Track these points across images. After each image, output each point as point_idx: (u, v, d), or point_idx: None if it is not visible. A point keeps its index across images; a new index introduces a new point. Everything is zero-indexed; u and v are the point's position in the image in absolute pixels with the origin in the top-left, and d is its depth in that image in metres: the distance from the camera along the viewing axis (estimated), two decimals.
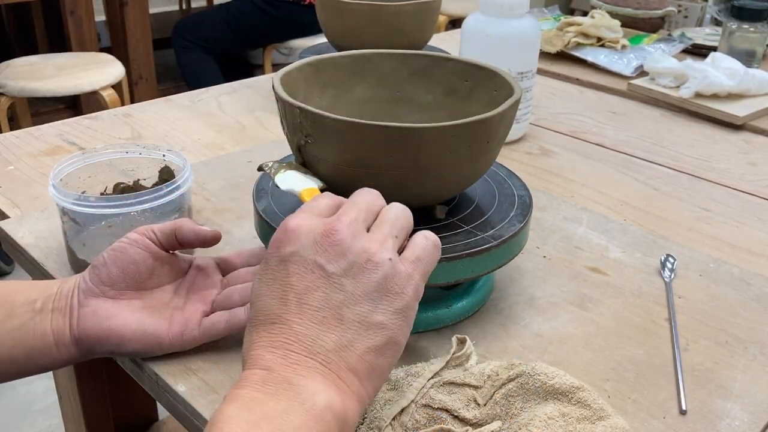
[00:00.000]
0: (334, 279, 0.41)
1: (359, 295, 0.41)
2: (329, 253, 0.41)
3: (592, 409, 0.46)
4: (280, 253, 0.42)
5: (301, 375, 0.39)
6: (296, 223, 0.42)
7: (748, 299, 0.63)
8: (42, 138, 0.92)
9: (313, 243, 0.41)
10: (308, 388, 0.38)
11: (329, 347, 0.40)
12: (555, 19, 1.38)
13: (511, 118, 0.55)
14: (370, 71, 0.63)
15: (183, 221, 0.54)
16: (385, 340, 0.41)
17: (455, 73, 0.62)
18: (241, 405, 0.37)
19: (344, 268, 0.41)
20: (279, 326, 0.40)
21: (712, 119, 1.04)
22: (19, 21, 3.04)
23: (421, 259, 0.44)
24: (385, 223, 0.44)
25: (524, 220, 0.57)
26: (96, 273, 0.51)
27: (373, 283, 0.41)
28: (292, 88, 0.58)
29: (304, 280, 0.41)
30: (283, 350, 0.39)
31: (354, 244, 0.41)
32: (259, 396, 0.38)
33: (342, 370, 0.40)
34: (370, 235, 0.43)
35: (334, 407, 0.38)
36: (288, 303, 0.41)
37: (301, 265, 0.41)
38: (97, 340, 0.50)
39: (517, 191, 0.61)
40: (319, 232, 0.42)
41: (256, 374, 0.39)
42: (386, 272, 0.41)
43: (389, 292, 0.41)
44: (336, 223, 0.42)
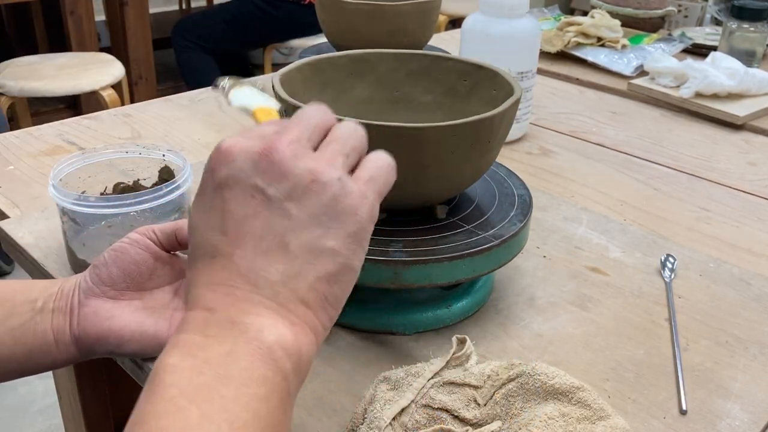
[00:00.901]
0: (276, 203, 0.37)
1: (306, 219, 0.37)
2: (269, 175, 0.37)
3: (592, 409, 0.46)
4: (215, 177, 0.38)
5: (246, 312, 0.36)
6: (231, 142, 0.38)
7: (748, 299, 0.63)
8: (42, 138, 0.92)
9: (251, 164, 0.37)
10: (254, 325, 0.35)
11: (275, 279, 0.37)
12: (555, 19, 1.38)
13: (512, 117, 0.55)
14: (369, 71, 0.63)
15: (184, 222, 0.53)
16: (337, 267, 0.38)
17: (454, 72, 0.62)
18: (183, 352, 0.35)
19: (287, 190, 0.37)
20: (219, 260, 0.37)
21: (712, 119, 1.04)
22: (19, 21, 3.04)
23: (374, 178, 0.40)
24: (334, 141, 0.40)
25: (524, 219, 0.57)
26: (96, 273, 0.51)
27: (321, 205, 0.37)
28: (292, 88, 0.58)
29: (243, 206, 0.37)
30: (225, 287, 0.36)
31: (297, 163, 0.37)
32: (201, 340, 0.35)
33: (291, 302, 0.37)
34: (316, 154, 0.39)
35: (285, 342, 0.36)
36: (227, 233, 0.37)
37: (238, 189, 0.37)
38: (97, 340, 0.50)
39: (517, 191, 0.61)
40: (256, 151, 0.37)
41: (198, 316, 0.36)
42: (335, 192, 0.37)
43: (340, 214, 0.37)
44: (275, 142, 0.37)
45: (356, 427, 0.47)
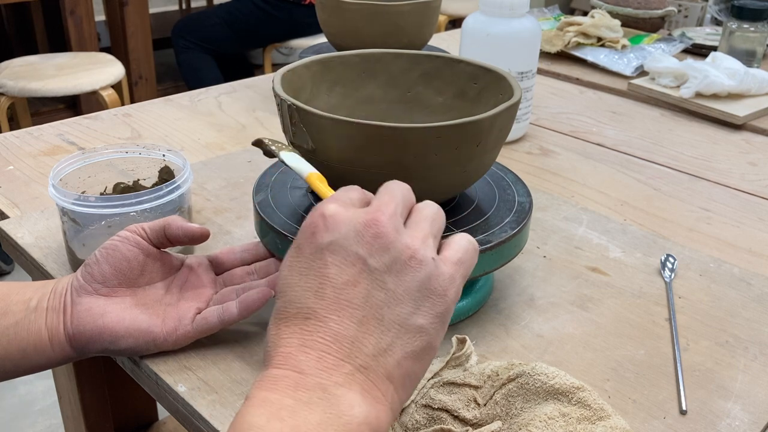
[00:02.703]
0: (376, 275, 0.37)
1: (401, 294, 0.37)
2: (372, 246, 0.37)
3: (592, 409, 0.46)
4: (317, 241, 0.38)
5: (337, 383, 0.35)
6: (334, 209, 0.39)
7: (749, 299, 0.63)
8: (42, 138, 0.92)
9: (354, 233, 0.38)
10: (345, 399, 0.35)
11: (368, 351, 0.37)
12: (555, 19, 1.38)
13: (506, 122, 0.54)
14: (381, 71, 0.63)
15: (172, 218, 0.54)
16: (423, 344, 0.38)
17: (465, 75, 0.61)
18: (270, 413, 0.34)
19: (387, 263, 0.37)
20: (314, 323, 0.37)
21: (712, 119, 1.04)
22: (19, 21, 3.04)
23: (463, 261, 0.41)
24: (424, 220, 0.40)
25: (518, 226, 0.56)
26: (89, 271, 0.52)
27: (416, 282, 0.38)
28: (298, 84, 0.58)
29: (344, 274, 0.37)
30: (318, 351, 0.36)
31: (398, 238, 0.38)
32: (290, 403, 0.34)
33: (379, 377, 0.37)
34: (411, 232, 0.39)
35: (371, 421, 0.35)
36: (325, 297, 0.37)
37: (340, 256, 0.37)
38: (91, 337, 0.50)
39: (517, 190, 0.61)
40: (360, 222, 0.38)
41: (287, 376, 0.35)
42: (430, 272, 0.38)
43: (432, 294, 0.38)
44: (379, 215, 0.38)
45: None
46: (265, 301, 0.52)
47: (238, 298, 0.52)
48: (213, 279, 0.56)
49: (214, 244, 0.67)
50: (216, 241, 0.68)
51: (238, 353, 0.54)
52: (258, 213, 0.57)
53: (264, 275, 0.56)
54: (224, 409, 0.49)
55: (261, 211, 0.56)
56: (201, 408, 0.49)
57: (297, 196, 0.59)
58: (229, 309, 0.52)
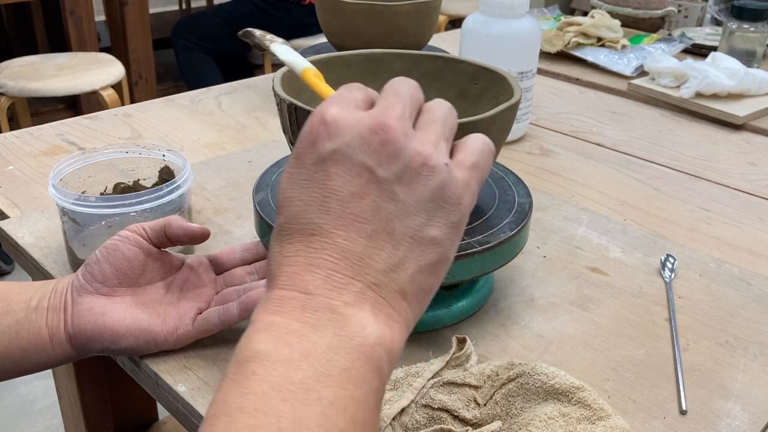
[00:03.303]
0: (385, 185, 0.35)
1: (413, 205, 0.35)
2: (380, 154, 0.35)
3: (592, 409, 0.46)
4: (318, 150, 0.35)
5: (347, 302, 0.33)
6: (336, 113, 0.35)
7: (749, 299, 0.63)
8: (42, 138, 0.92)
9: (359, 140, 0.35)
10: (356, 319, 0.33)
11: (379, 267, 0.34)
12: (555, 19, 1.38)
13: (506, 122, 0.54)
14: (382, 71, 0.63)
15: (173, 218, 0.54)
16: (437, 257, 0.36)
17: (466, 75, 0.61)
18: (277, 338, 0.32)
19: (397, 172, 0.35)
20: (319, 239, 0.34)
21: (712, 119, 1.04)
22: (19, 21, 3.04)
23: (478, 165, 0.37)
24: (435, 122, 0.37)
25: (517, 227, 0.56)
26: (89, 271, 0.52)
27: (429, 191, 0.35)
28: (298, 84, 0.58)
29: (350, 185, 0.34)
30: (325, 270, 0.34)
31: (407, 144, 0.35)
32: (298, 327, 0.32)
33: (391, 294, 0.35)
34: (422, 135, 0.36)
35: (384, 340, 0.33)
36: (330, 211, 0.34)
37: (345, 166, 0.34)
38: (92, 336, 0.50)
39: (517, 192, 0.61)
40: (365, 126, 0.35)
41: (294, 298, 0.33)
42: (443, 179, 0.35)
43: (446, 203, 0.36)
44: (386, 118, 0.35)
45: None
46: None
47: (239, 299, 0.52)
48: (213, 279, 0.56)
49: (214, 244, 0.67)
50: (216, 241, 0.68)
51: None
52: (258, 213, 0.57)
53: (264, 275, 0.56)
54: None
55: (261, 211, 0.56)
56: (201, 408, 0.49)
57: None
58: (229, 310, 0.52)
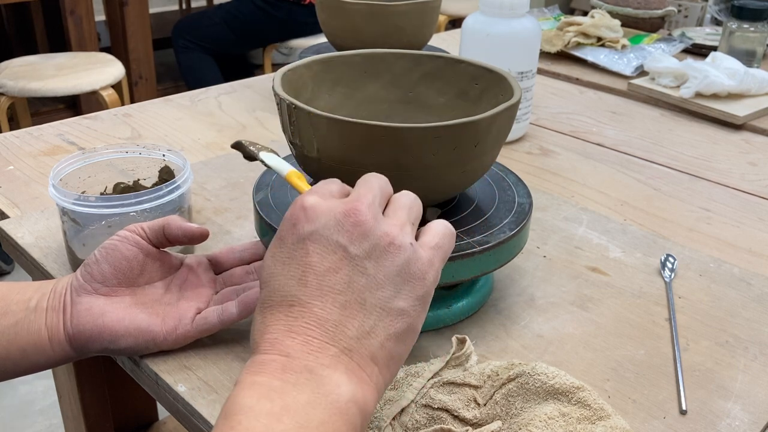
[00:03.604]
0: (357, 261, 0.39)
1: (382, 279, 0.39)
2: (352, 234, 0.39)
3: (592, 409, 0.46)
4: (298, 231, 0.40)
5: (323, 364, 0.37)
6: (314, 201, 0.41)
7: (749, 299, 0.63)
8: (42, 138, 0.92)
9: (334, 222, 0.39)
10: (332, 380, 0.37)
11: (351, 334, 0.38)
12: (555, 19, 1.38)
13: (505, 122, 0.54)
14: (383, 71, 0.63)
15: (171, 218, 0.54)
16: (405, 326, 0.40)
17: (466, 75, 0.61)
18: (260, 394, 0.35)
19: (367, 250, 0.39)
20: (298, 309, 0.38)
21: (712, 119, 1.04)
22: (19, 21, 3.04)
23: (440, 246, 0.42)
24: (402, 208, 0.42)
25: (516, 228, 0.56)
26: (88, 271, 0.52)
27: (396, 267, 0.39)
28: (299, 84, 0.58)
29: (325, 261, 0.39)
30: (303, 336, 0.38)
31: (376, 226, 0.40)
32: (279, 385, 0.36)
33: (363, 358, 0.38)
34: (389, 219, 0.41)
35: (357, 400, 0.37)
36: (308, 284, 0.39)
37: (321, 244, 0.39)
38: (91, 336, 0.50)
39: (518, 191, 0.61)
40: (339, 211, 0.40)
41: (275, 360, 0.37)
42: (408, 257, 0.40)
43: (411, 278, 0.40)
44: (358, 204, 0.40)
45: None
46: None
47: (238, 298, 0.52)
48: (212, 278, 0.56)
49: (214, 244, 0.67)
50: (216, 241, 0.68)
51: (238, 353, 0.54)
52: (258, 213, 0.57)
53: None
54: None
55: (261, 211, 0.56)
56: (201, 408, 0.49)
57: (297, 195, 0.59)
58: (228, 309, 0.52)
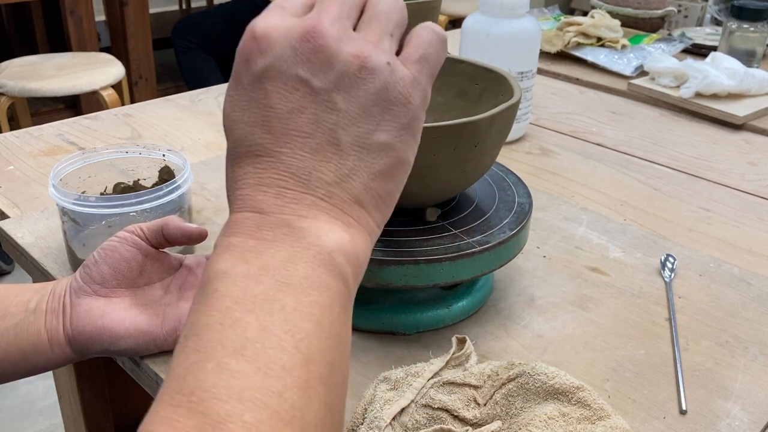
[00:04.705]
0: (323, 96, 0.33)
1: (355, 112, 0.34)
2: (313, 63, 0.33)
3: (592, 409, 0.46)
4: (252, 68, 0.34)
5: (301, 215, 0.33)
6: (266, 25, 0.34)
7: (749, 299, 0.63)
8: (42, 138, 0.92)
9: (291, 51, 0.33)
10: (311, 230, 0.33)
11: (328, 179, 0.34)
12: (555, 19, 1.38)
13: (505, 123, 0.54)
14: None
15: (170, 218, 0.54)
16: (392, 161, 0.35)
17: (466, 75, 0.61)
18: (235, 257, 0.32)
19: (333, 80, 0.33)
20: (266, 159, 0.34)
21: (712, 119, 1.04)
22: (19, 21, 3.04)
23: (427, 57, 0.36)
24: (376, 18, 0.35)
25: (516, 228, 0.56)
26: (87, 272, 0.51)
27: (371, 95, 0.34)
28: None
29: (287, 101, 0.34)
30: (275, 188, 0.33)
31: (342, 48, 0.34)
32: (254, 244, 0.32)
33: (346, 203, 0.34)
34: (360, 35, 0.35)
35: (344, 247, 0.33)
36: (272, 130, 0.34)
37: (280, 81, 0.34)
38: (91, 338, 0.50)
39: (518, 192, 0.61)
40: (296, 35, 0.34)
41: (247, 218, 0.33)
42: (385, 79, 0.34)
43: (392, 104, 0.34)
44: (316, 23, 0.33)
45: (356, 427, 0.47)
46: None
47: None
48: None
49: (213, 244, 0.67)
50: None
51: None
52: None
53: None
54: None
55: None
56: None
57: None
58: None
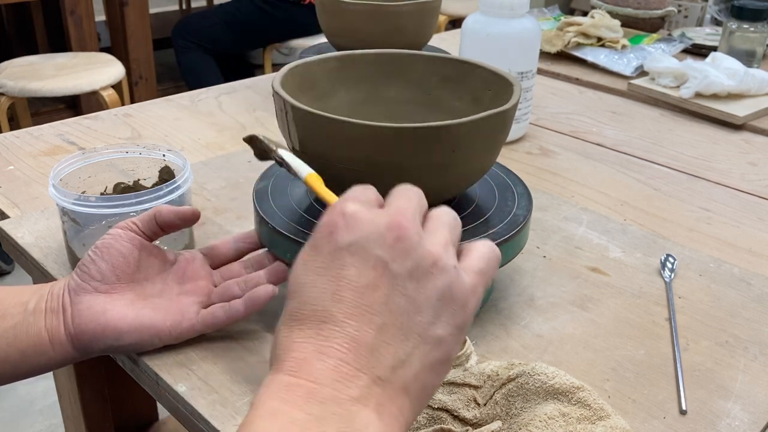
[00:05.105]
0: (398, 280, 0.35)
1: (422, 302, 0.36)
2: (395, 250, 0.35)
3: (592, 409, 0.46)
4: (336, 240, 0.36)
5: (352, 397, 0.33)
6: (355, 208, 0.37)
7: (749, 299, 0.63)
8: (42, 138, 0.92)
9: (377, 235, 0.36)
10: (360, 417, 0.33)
11: (387, 362, 0.34)
12: (555, 19, 1.38)
13: (483, 131, 0.53)
14: (404, 72, 0.63)
15: (160, 207, 0.54)
16: (441, 356, 0.36)
17: (481, 81, 0.60)
18: (280, 426, 0.32)
19: (409, 268, 0.35)
20: (330, 327, 0.35)
21: (712, 119, 1.04)
22: (19, 21, 3.04)
23: (485, 272, 0.39)
24: (444, 226, 0.38)
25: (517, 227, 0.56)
26: (85, 270, 0.51)
27: (437, 291, 0.36)
28: (310, 80, 0.58)
29: (364, 277, 0.35)
30: (335, 360, 0.34)
31: (420, 243, 0.36)
32: (302, 418, 0.32)
33: (396, 391, 0.35)
34: (432, 238, 0.37)
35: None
36: (343, 300, 0.35)
37: (361, 257, 0.35)
38: (94, 335, 0.50)
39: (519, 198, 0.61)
40: (383, 223, 0.36)
41: (300, 386, 0.33)
42: (451, 281, 0.36)
43: (453, 304, 0.36)
44: (401, 218, 0.36)
45: None
46: (271, 298, 0.52)
47: (245, 295, 0.52)
48: (209, 272, 0.56)
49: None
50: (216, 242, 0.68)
51: (238, 353, 0.54)
52: (259, 215, 0.57)
53: (258, 267, 0.56)
54: (224, 409, 0.49)
55: (263, 215, 0.56)
56: (201, 408, 0.49)
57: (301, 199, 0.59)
58: (235, 306, 0.52)
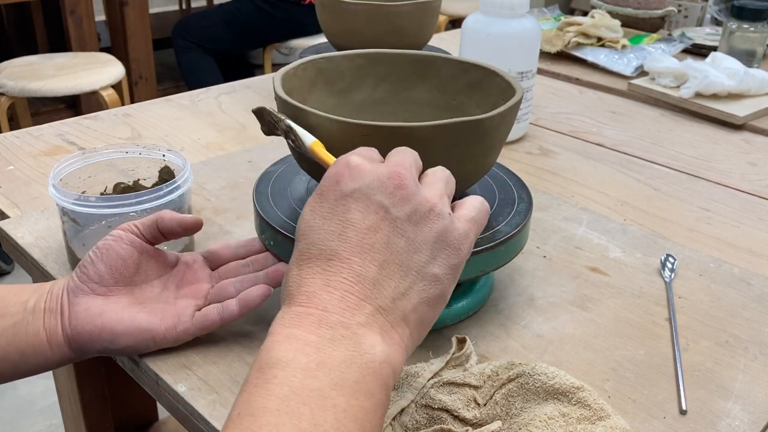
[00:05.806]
0: (397, 223, 0.40)
1: (420, 243, 0.40)
2: (394, 196, 0.40)
3: (592, 409, 0.46)
4: (341, 188, 0.41)
5: (359, 322, 0.38)
6: (359, 160, 0.41)
7: (749, 299, 0.63)
8: (42, 138, 0.92)
9: (378, 183, 0.40)
10: (367, 339, 0.37)
11: (388, 294, 0.39)
12: (555, 19, 1.38)
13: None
14: (432, 75, 0.63)
15: (164, 212, 0.54)
16: (437, 293, 0.41)
17: (499, 89, 0.60)
18: (296, 348, 0.36)
19: (408, 213, 0.40)
20: (337, 263, 0.39)
21: (712, 119, 1.04)
22: (19, 21, 3.04)
23: (476, 220, 0.43)
24: (440, 180, 0.43)
25: (517, 227, 0.56)
26: (84, 272, 0.51)
27: (434, 233, 0.40)
28: (332, 76, 0.59)
29: (367, 219, 0.40)
30: (341, 291, 0.38)
31: (417, 191, 0.41)
32: (314, 339, 0.36)
33: (397, 320, 0.39)
34: (429, 188, 0.42)
35: (391, 361, 0.38)
36: (347, 240, 0.39)
37: (363, 202, 0.40)
38: (90, 337, 0.50)
39: (519, 198, 0.61)
40: (383, 173, 0.41)
41: (311, 314, 0.37)
42: (446, 225, 0.41)
43: (448, 246, 0.41)
44: (400, 168, 0.41)
45: None
46: (264, 299, 0.52)
47: (238, 296, 0.52)
48: (209, 275, 0.56)
49: (214, 244, 0.67)
50: (216, 242, 0.68)
51: (238, 353, 0.54)
52: (259, 215, 0.57)
53: (259, 268, 0.56)
54: (224, 409, 0.49)
55: (260, 208, 0.56)
56: (201, 408, 0.49)
57: (301, 190, 0.59)
58: (229, 306, 0.52)
